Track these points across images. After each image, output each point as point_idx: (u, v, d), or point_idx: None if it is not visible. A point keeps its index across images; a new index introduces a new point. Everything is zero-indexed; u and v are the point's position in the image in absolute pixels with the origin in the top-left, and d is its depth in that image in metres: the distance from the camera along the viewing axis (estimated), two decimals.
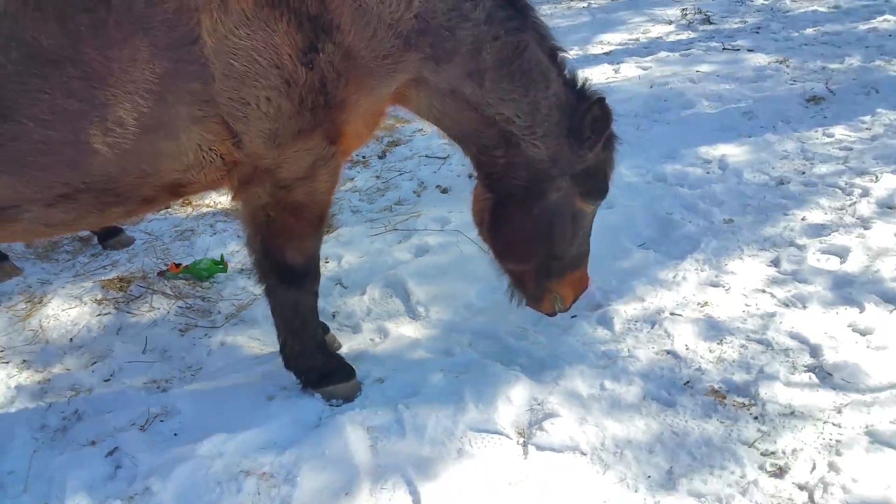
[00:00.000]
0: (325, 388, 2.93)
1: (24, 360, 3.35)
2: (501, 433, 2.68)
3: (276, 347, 3.24)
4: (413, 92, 2.53)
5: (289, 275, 2.72)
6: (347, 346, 3.29)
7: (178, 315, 3.63)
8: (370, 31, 2.24)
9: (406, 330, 3.38)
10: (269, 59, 2.13)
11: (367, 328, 3.41)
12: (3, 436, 2.90)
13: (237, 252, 4.16)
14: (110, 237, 4.32)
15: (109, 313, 3.66)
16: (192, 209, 4.77)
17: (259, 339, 3.41)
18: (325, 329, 3.31)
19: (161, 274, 3.92)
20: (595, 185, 2.82)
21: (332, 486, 2.51)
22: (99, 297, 3.77)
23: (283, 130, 2.27)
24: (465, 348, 3.19)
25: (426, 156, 5.17)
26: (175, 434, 2.84)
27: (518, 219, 2.77)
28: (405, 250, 4.03)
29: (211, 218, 4.62)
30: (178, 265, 3.92)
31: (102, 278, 3.94)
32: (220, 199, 4.87)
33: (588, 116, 2.63)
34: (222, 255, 4.02)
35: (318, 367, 2.94)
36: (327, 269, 3.91)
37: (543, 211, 2.75)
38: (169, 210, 4.78)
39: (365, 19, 2.22)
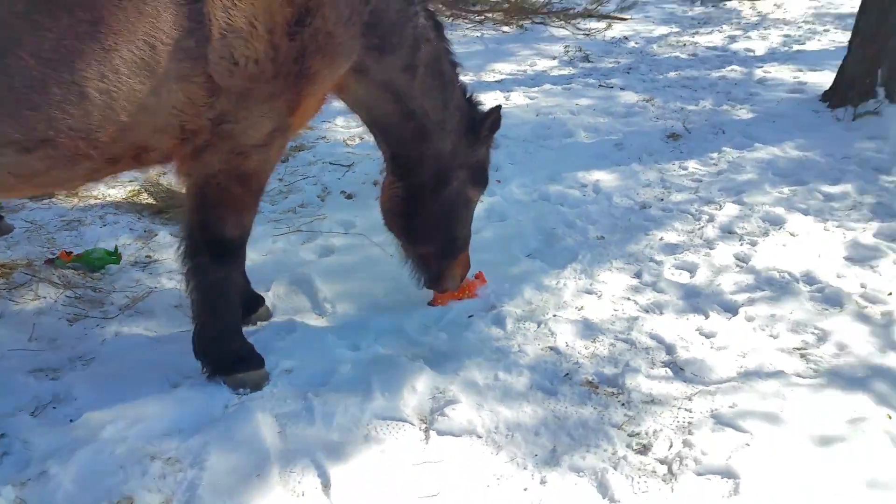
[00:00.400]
0: (236, 375, 2.98)
1: None
2: (406, 420, 2.92)
3: (177, 340, 3.32)
4: (353, 80, 2.83)
5: (224, 249, 2.82)
6: (252, 338, 3.40)
7: (66, 305, 3.57)
8: (346, 15, 2.55)
9: (313, 324, 3.55)
10: (264, 25, 2.34)
11: (274, 322, 3.54)
12: None
13: (129, 245, 4.13)
14: None
15: None
16: (79, 200, 4.66)
17: (156, 331, 3.43)
18: (261, 300, 3.42)
19: (49, 262, 3.83)
20: (481, 176, 3.33)
21: (242, 469, 2.61)
22: None
23: (257, 92, 2.44)
24: (372, 343, 3.40)
25: (330, 162, 5.33)
26: (71, 420, 2.81)
27: (427, 204, 3.21)
28: (310, 251, 4.20)
29: (100, 210, 4.54)
30: (69, 253, 3.85)
31: None
32: (109, 192, 4.79)
33: (489, 119, 3.18)
34: (116, 247, 3.98)
35: (234, 352, 3.00)
36: None
37: (446, 197, 3.21)
38: (53, 199, 4.64)
39: (343, 4, 2.52)
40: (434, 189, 3.19)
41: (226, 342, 3.01)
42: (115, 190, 4.82)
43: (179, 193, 4.70)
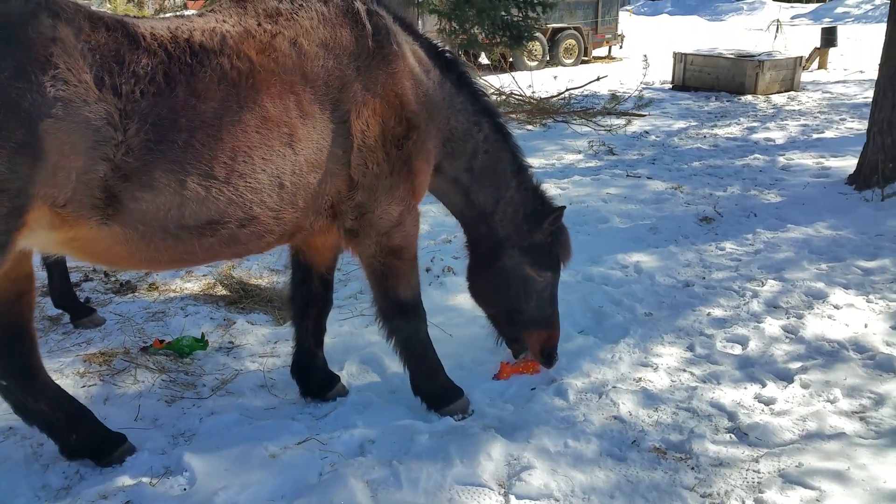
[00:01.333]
0: (446, 407, 3.62)
1: (11, 428, 3.45)
2: (485, 485, 3.09)
3: (267, 415, 3.58)
4: (435, 176, 3.52)
5: (406, 308, 3.48)
6: (333, 413, 3.63)
7: (163, 388, 3.84)
8: (433, 132, 3.39)
9: (387, 400, 3.77)
10: (382, 140, 3.14)
11: (351, 398, 3.77)
12: (4, 495, 3.01)
13: (212, 332, 4.44)
14: (83, 316, 4.49)
15: (94, 384, 3.83)
16: (160, 294, 5.01)
17: (247, 409, 3.68)
18: (336, 378, 3.78)
19: (144, 349, 4.14)
20: (544, 260, 3.79)
21: None
22: (81, 370, 3.93)
23: (381, 186, 3.19)
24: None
25: None
26: (185, 489, 3.05)
27: (483, 273, 3.85)
28: (374, 333, 4.38)
29: (180, 301, 4.88)
30: (161, 341, 4.16)
31: (82, 353, 4.10)
32: (186, 286, 5.15)
33: (551, 216, 3.69)
34: (203, 334, 4.29)
35: (440, 386, 3.64)
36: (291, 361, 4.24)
37: (498, 269, 3.77)
38: (136, 293, 5.00)
39: (431, 123, 3.35)
40: (488, 262, 3.80)
41: (431, 380, 3.64)
42: (191, 283, 5.18)
43: (251, 285, 5.05)
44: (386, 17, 3.25)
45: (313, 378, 3.76)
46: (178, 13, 3.22)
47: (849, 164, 7.94)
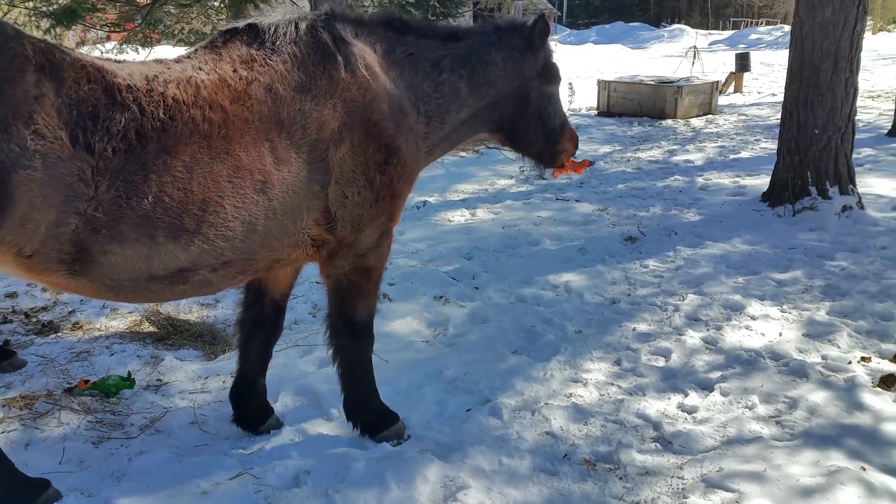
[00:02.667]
0: (382, 432, 3.63)
1: None
2: None
3: (198, 452, 3.53)
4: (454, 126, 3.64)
5: (358, 329, 3.51)
6: (270, 444, 3.60)
7: (89, 429, 3.73)
8: (416, 153, 3.41)
9: (323, 429, 3.76)
10: (363, 170, 3.15)
11: (286, 429, 3.74)
12: None
13: (139, 370, 4.34)
14: (2, 360, 4.33)
15: (14, 430, 3.69)
16: (84, 333, 4.88)
17: (178, 447, 3.61)
18: (271, 411, 3.74)
19: (68, 391, 4.02)
20: (550, 74, 3.81)
21: None
22: (0, 415, 3.79)
23: (365, 215, 3.23)
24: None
25: (316, 281, 5.66)
26: None
27: (526, 122, 3.79)
28: (310, 363, 4.45)
29: (105, 340, 4.75)
30: (86, 381, 4.04)
31: (1, 398, 3.96)
32: (111, 324, 5.03)
33: (535, 29, 3.65)
34: (129, 372, 4.19)
35: (375, 412, 3.65)
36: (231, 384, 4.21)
37: (534, 103, 3.75)
38: (59, 334, 4.86)
39: (411, 139, 3.36)
40: (526, 107, 3.75)
41: (367, 406, 3.65)
42: (116, 321, 5.06)
43: (179, 320, 4.97)
44: (349, 40, 3.22)
45: (250, 405, 3.74)
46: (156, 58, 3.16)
47: (763, 182, 8.38)
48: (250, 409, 3.74)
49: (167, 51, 12.36)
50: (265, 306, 3.65)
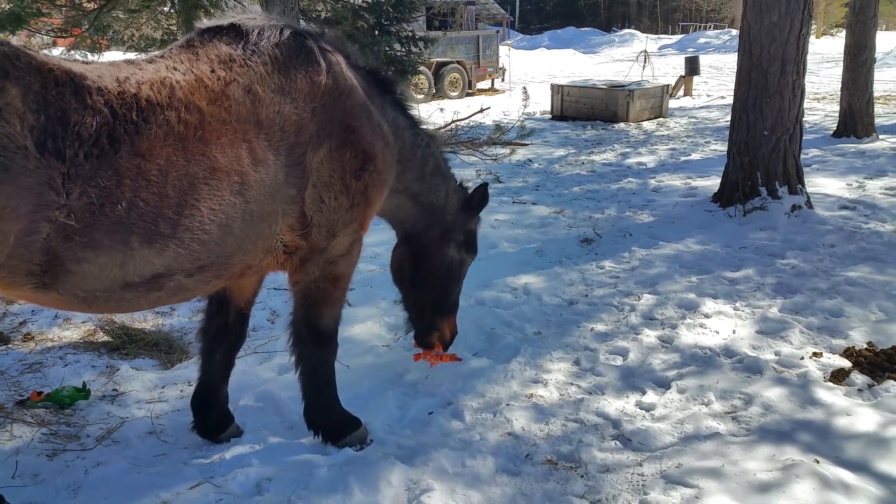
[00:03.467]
0: (344, 438, 3.60)
1: None
2: None
3: (157, 462, 3.47)
4: (388, 194, 3.68)
5: (323, 336, 3.49)
6: (230, 453, 3.55)
7: (43, 442, 3.63)
8: (390, 157, 3.47)
9: (284, 437, 3.72)
10: (340, 175, 3.17)
11: (245, 437, 3.70)
12: None
13: (94, 381, 4.24)
14: None
15: None
16: (36, 344, 4.74)
17: (136, 458, 3.54)
18: (231, 418, 3.70)
19: (20, 403, 3.90)
20: (472, 245, 4.24)
21: None
22: None
23: (340, 220, 3.24)
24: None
25: (274, 287, 5.61)
26: None
27: (430, 259, 4.09)
28: (269, 370, 4.40)
29: (59, 351, 4.63)
30: (39, 393, 3.93)
31: None
32: (64, 334, 4.90)
33: (477, 195, 4.04)
34: (84, 383, 4.09)
35: (336, 420, 3.62)
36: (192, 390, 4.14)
37: (446, 254, 4.08)
38: (9, 346, 4.71)
39: (387, 152, 3.43)
40: (437, 249, 4.07)
41: (329, 413, 3.62)
42: (69, 331, 4.93)
43: (134, 329, 4.88)
44: (333, 52, 3.28)
45: (212, 413, 3.68)
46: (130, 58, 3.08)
47: (713, 183, 8.60)
48: (212, 417, 3.68)
49: (117, 57, 12.10)
50: (230, 315, 3.59)
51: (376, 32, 12.00)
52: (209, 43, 3.01)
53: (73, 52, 11.16)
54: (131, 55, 9.54)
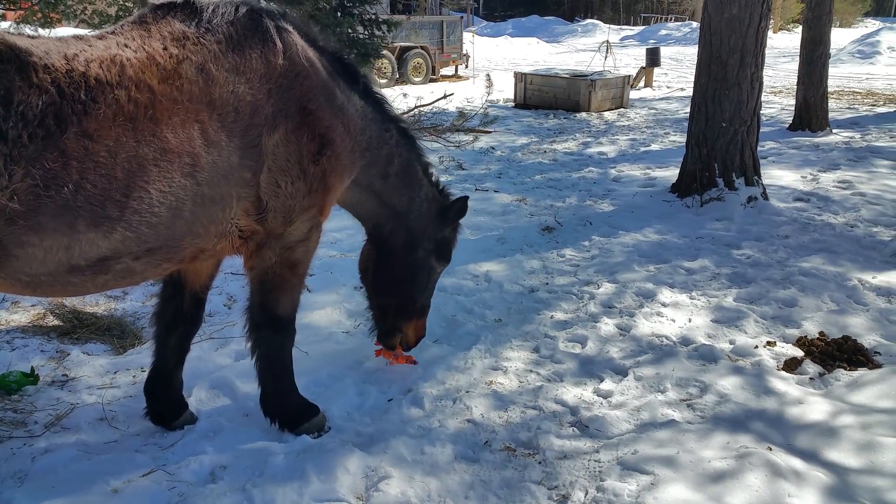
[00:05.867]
0: (302, 425, 3.57)
1: None
2: (343, 500, 3.08)
3: (108, 450, 3.38)
4: (349, 186, 3.61)
5: (280, 323, 3.43)
6: (184, 440, 3.48)
7: None
8: (349, 146, 3.37)
9: (239, 424, 3.66)
10: (297, 159, 3.08)
11: (200, 424, 3.63)
12: None
13: (43, 366, 4.12)
14: None
15: None
16: None
17: (86, 444, 3.44)
18: (185, 406, 3.63)
19: None
20: (444, 252, 4.12)
21: None
22: None
23: (297, 206, 3.16)
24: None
25: (232, 272, 5.51)
26: None
27: (396, 263, 3.97)
28: (225, 356, 4.32)
29: (6, 335, 4.47)
30: None
31: None
32: (13, 317, 4.74)
33: (454, 207, 3.91)
34: (32, 368, 3.96)
35: (294, 407, 3.58)
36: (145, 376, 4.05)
37: (412, 260, 3.97)
38: None
39: (347, 137, 3.34)
40: (403, 253, 3.95)
41: (286, 401, 3.57)
42: (18, 315, 4.77)
43: (85, 313, 4.74)
44: (293, 32, 3.17)
45: (166, 399, 3.60)
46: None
47: (672, 173, 8.71)
48: (165, 403, 3.60)
49: (68, 32, 11.69)
50: (185, 299, 3.50)
51: (338, 14, 11.83)
52: (162, 19, 2.90)
53: (22, 25, 10.73)
54: (84, 31, 9.23)
